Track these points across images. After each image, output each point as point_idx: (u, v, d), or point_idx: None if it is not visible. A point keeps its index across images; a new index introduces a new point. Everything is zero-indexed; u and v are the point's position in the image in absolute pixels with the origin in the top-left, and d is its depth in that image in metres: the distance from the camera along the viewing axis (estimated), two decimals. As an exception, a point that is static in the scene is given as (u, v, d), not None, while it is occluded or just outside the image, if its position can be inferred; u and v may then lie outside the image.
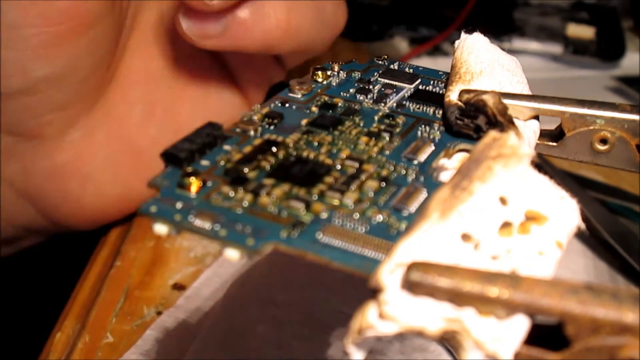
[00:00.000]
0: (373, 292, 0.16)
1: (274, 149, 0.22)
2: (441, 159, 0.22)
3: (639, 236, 0.40)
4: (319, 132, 0.23)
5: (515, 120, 0.23)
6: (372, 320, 0.16)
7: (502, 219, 0.18)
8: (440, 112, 0.25)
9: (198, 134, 0.21)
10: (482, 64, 0.25)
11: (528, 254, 0.17)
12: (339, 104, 0.25)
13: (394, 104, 0.26)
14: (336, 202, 0.19)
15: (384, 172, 0.21)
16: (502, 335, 0.16)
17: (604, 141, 0.23)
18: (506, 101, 0.23)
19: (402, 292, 0.16)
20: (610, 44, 0.69)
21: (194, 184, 0.19)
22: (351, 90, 0.26)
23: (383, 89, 0.27)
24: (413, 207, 0.19)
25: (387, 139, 0.23)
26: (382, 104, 0.25)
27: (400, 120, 0.24)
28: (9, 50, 0.28)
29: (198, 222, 0.18)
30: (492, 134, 0.21)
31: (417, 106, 0.25)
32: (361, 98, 0.26)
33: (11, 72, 0.29)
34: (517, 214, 0.19)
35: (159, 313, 0.33)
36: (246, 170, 0.20)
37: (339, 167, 0.21)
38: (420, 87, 0.27)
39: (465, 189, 0.19)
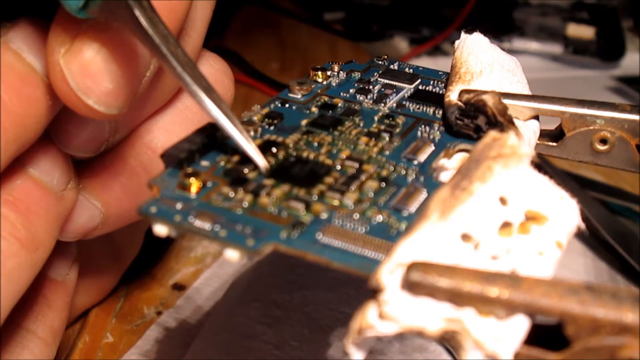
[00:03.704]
0: (373, 292, 0.16)
1: (274, 150, 0.22)
2: (441, 159, 0.22)
3: (639, 236, 0.40)
4: (319, 132, 0.23)
5: (515, 120, 0.23)
6: (372, 320, 0.16)
7: (502, 219, 0.18)
8: (440, 112, 0.25)
9: (198, 135, 0.21)
10: (482, 64, 0.25)
11: (528, 254, 0.17)
12: (339, 104, 0.25)
13: (394, 104, 0.26)
14: (336, 202, 0.19)
15: (384, 173, 0.21)
16: (502, 335, 0.16)
17: (604, 141, 0.23)
18: (506, 101, 0.23)
19: (402, 292, 0.16)
20: (610, 44, 0.69)
21: (194, 184, 0.19)
22: (351, 91, 0.26)
23: (383, 89, 0.27)
24: (413, 207, 0.19)
25: (387, 139, 0.23)
26: (382, 104, 0.25)
27: (400, 120, 0.24)
28: None
29: (198, 223, 0.18)
30: (492, 134, 0.21)
31: (417, 106, 0.25)
32: (361, 98, 0.26)
33: None
34: (517, 214, 0.19)
35: (159, 313, 0.33)
36: (246, 170, 0.20)
37: (339, 167, 0.21)
38: (420, 87, 0.27)
39: (465, 189, 0.19)
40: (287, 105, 0.25)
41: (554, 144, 0.24)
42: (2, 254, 0.22)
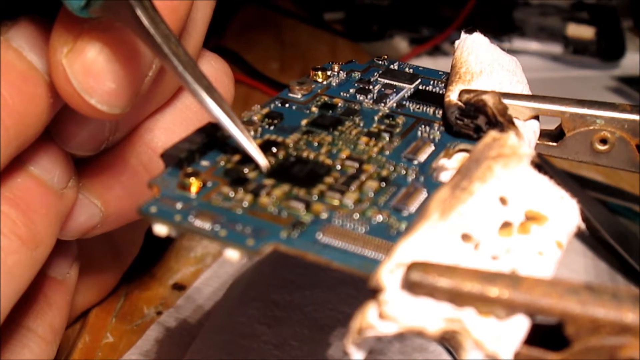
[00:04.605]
0: (373, 292, 0.16)
1: (274, 149, 0.22)
2: (441, 159, 0.22)
3: (639, 236, 0.40)
4: (319, 132, 0.23)
5: (515, 120, 0.23)
6: (372, 320, 0.16)
7: (502, 219, 0.18)
8: (440, 112, 0.25)
9: (198, 134, 0.21)
10: (482, 64, 0.25)
11: (528, 254, 0.17)
12: (339, 104, 0.25)
13: (394, 104, 0.26)
14: (336, 202, 0.19)
15: (384, 173, 0.21)
16: (502, 335, 0.16)
17: (604, 141, 0.23)
18: (506, 101, 0.23)
19: (402, 292, 0.16)
20: (610, 44, 0.69)
21: (194, 184, 0.19)
22: (351, 91, 0.26)
23: (383, 89, 0.27)
24: (413, 207, 0.19)
25: (387, 139, 0.23)
26: (382, 104, 0.25)
27: (400, 120, 0.24)
28: None
29: (198, 223, 0.18)
30: (492, 134, 0.21)
31: (417, 106, 0.25)
32: (361, 98, 0.26)
33: None
34: (517, 214, 0.19)
35: (159, 313, 0.33)
36: (246, 170, 0.20)
37: (339, 167, 0.21)
38: (420, 87, 0.27)
39: (465, 189, 0.19)
40: (287, 105, 0.25)
41: (554, 144, 0.24)
42: (3, 251, 0.22)
